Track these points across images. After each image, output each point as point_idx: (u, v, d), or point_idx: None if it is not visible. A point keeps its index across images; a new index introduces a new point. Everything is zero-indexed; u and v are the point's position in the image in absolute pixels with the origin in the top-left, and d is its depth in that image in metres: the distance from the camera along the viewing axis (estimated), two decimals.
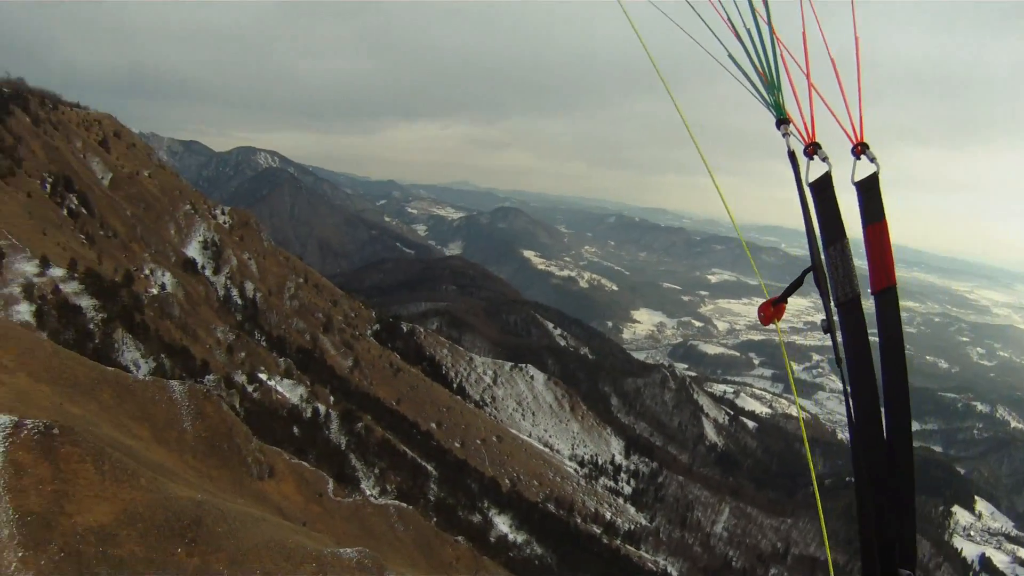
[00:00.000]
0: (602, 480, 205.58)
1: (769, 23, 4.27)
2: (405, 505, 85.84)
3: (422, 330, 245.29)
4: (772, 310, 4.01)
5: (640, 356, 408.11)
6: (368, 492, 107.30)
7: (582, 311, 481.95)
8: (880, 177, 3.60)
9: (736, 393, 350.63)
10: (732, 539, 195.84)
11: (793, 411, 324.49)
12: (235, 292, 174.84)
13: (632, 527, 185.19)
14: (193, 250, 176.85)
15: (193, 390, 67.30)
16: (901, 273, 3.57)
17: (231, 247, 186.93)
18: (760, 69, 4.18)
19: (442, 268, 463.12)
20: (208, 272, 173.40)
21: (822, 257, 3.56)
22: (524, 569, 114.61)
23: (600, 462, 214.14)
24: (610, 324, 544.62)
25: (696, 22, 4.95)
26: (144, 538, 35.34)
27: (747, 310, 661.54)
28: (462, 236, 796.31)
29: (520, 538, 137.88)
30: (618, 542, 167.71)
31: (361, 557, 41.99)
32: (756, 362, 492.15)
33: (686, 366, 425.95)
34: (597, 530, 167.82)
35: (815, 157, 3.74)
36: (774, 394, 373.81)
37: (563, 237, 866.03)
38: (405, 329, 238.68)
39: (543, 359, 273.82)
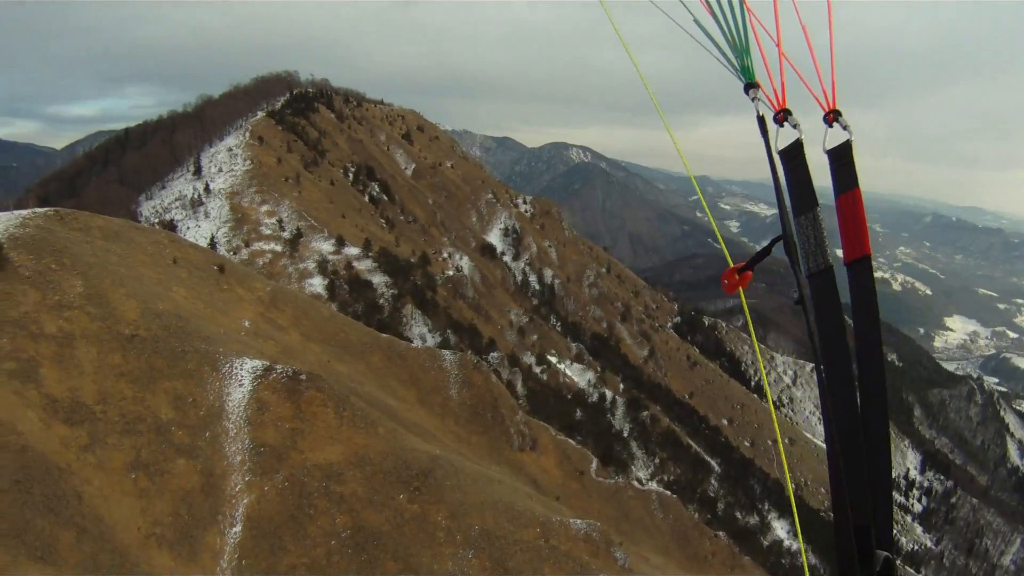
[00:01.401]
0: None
1: None
2: (668, 493, 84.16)
3: (724, 325, 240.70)
4: (737, 278, 3.77)
5: (950, 366, 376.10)
6: (641, 477, 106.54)
7: (893, 315, 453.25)
8: (853, 145, 3.45)
9: None
10: (1020, 574, 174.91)
11: None
12: (533, 278, 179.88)
13: (915, 548, 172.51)
14: (494, 236, 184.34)
15: (464, 360, 69.64)
16: None
17: (531, 234, 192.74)
18: (728, 33, 3.94)
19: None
20: (507, 258, 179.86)
21: (792, 227, 3.44)
22: None
23: (893, 475, 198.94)
24: (921, 331, 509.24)
25: None
26: (369, 481, 36.84)
27: None
28: (774, 233, 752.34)
29: (796, 545, 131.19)
30: (898, 562, 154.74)
31: (590, 530, 41.34)
32: None
33: (996, 380, 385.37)
34: None
35: (785, 124, 3.57)
36: None
37: (878, 237, 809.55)
38: (707, 323, 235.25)
39: None
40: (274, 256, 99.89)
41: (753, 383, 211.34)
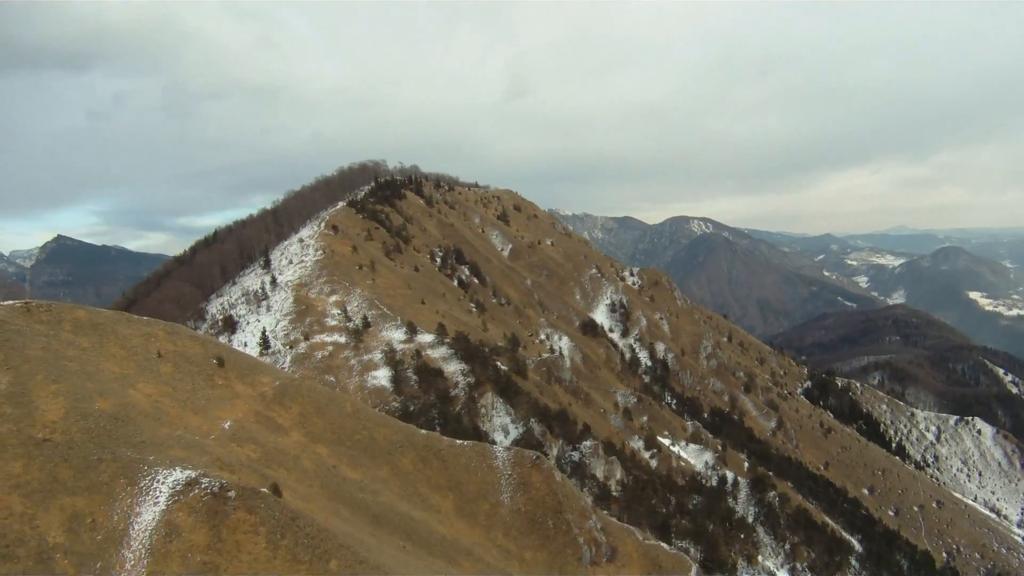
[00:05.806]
0: None
1: None
2: None
3: (858, 385, 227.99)
4: None
5: None
6: (770, 567, 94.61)
7: None
8: None
9: None
10: None
11: None
12: (643, 353, 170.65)
13: None
14: (599, 313, 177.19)
15: (520, 457, 60.30)
16: None
17: (640, 307, 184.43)
18: None
19: (884, 319, 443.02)
20: (615, 334, 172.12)
21: None
22: None
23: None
24: None
25: None
26: None
27: None
28: (904, 283, 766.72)
29: None
30: None
31: None
32: None
33: None
34: None
35: None
36: None
37: (1009, 273, 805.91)
38: (839, 385, 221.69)
39: (992, 410, 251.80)
40: (336, 348, 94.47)
41: (894, 444, 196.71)
